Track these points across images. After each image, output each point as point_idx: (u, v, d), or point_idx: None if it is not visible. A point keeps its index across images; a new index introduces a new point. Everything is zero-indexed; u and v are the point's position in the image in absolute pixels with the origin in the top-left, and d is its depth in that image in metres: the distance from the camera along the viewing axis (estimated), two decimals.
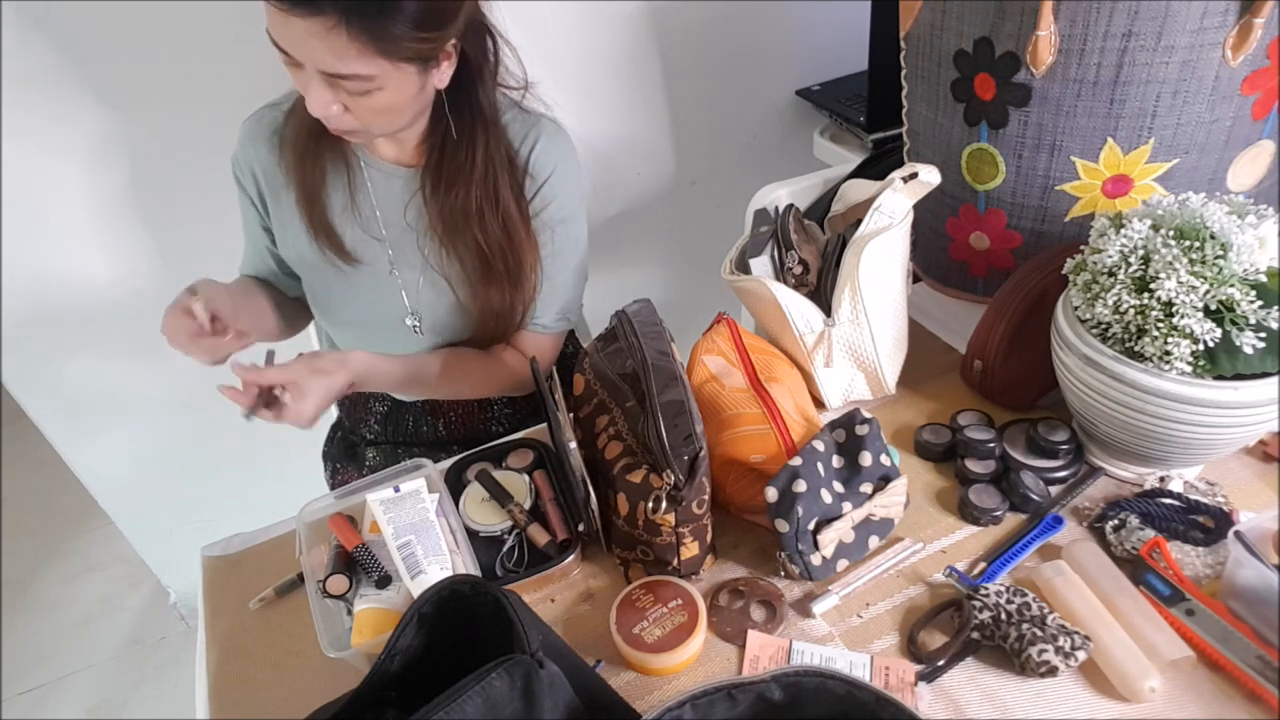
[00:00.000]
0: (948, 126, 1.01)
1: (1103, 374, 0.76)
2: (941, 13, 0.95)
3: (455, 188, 0.94)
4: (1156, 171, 0.90)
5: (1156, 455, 0.80)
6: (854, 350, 0.94)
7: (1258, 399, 0.71)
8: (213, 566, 0.90)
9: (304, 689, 0.74)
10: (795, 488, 0.74)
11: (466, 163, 0.93)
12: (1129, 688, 0.66)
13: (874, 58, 1.46)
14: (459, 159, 0.94)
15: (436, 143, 0.95)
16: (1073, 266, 0.81)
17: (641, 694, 0.72)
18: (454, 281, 1.01)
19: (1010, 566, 0.78)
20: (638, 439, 0.77)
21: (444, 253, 0.99)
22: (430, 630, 0.62)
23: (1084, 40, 0.84)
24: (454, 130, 0.92)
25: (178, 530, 1.71)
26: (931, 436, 0.91)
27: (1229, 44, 0.82)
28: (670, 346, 0.82)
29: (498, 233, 0.96)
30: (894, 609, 0.76)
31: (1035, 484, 0.83)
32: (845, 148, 1.61)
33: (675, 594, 0.75)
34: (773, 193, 1.27)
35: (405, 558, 0.73)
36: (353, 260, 1.00)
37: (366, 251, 1.01)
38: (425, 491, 0.79)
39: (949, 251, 1.10)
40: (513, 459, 0.94)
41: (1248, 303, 0.69)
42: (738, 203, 1.31)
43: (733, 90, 1.73)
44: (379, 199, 0.99)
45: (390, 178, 0.98)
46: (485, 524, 0.85)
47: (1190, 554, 0.76)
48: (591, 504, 0.78)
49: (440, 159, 0.95)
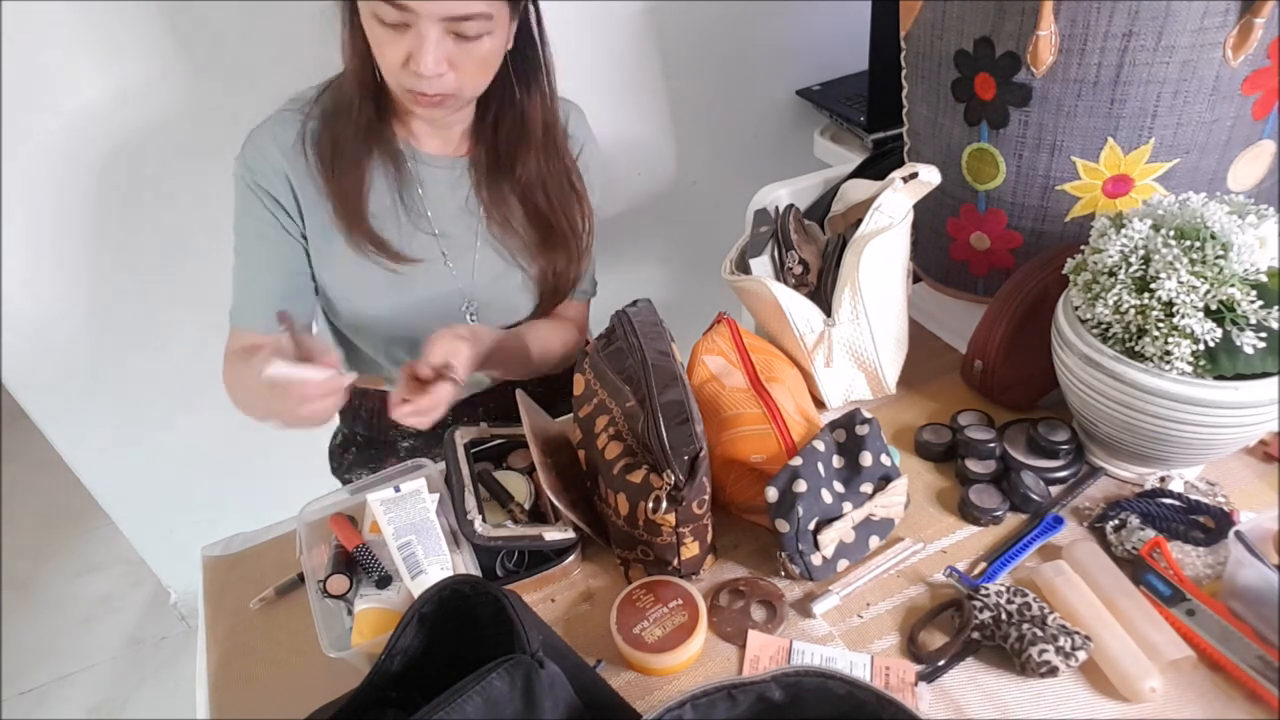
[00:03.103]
0: (948, 126, 1.01)
1: (1103, 374, 0.76)
2: (942, 13, 0.95)
3: (517, 159, 0.99)
4: (1157, 171, 0.90)
5: (1157, 455, 0.80)
6: (854, 350, 0.94)
7: (1258, 399, 0.71)
8: (213, 566, 0.90)
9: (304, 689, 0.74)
10: (795, 488, 0.74)
11: (531, 127, 0.97)
12: (1129, 688, 0.66)
13: (874, 58, 1.46)
14: (521, 127, 0.97)
15: (488, 124, 0.98)
16: (1073, 266, 0.81)
17: (642, 694, 0.72)
18: (517, 254, 1.04)
19: (1011, 566, 0.78)
20: (638, 439, 0.77)
21: (505, 230, 1.02)
22: (430, 630, 0.62)
23: (1084, 40, 0.84)
24: (516, 90, 0.95)
25: (178, 530, 1.71)
26: (932, 436, 0.91)
27: (1229, 44, 0.82)
28: (670, 346, 0.82)
29: (560, 191, 1.02)
30: (894, 609, 0.76)
31: (1036, 484, 0.83)
32: (845, 148, 1.61)
33: (675, 594, 0.75)
34: (773, 193, 1.27)
35: (406, 557, 0.73)
36: (404, 260, 1.00)
37: (417, 248, 1.01)
38: (425, 491, 0.79)
39: (949, 251, 1.10)
40: (513, 459, 0.94)
41: (1248, 303, 0.69)
42: (738, 203, 1.31)
43: (733, 90, 1.73)
44: (430, 194, 1.00)
45: (440, 170, 1.00)
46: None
47: (1191, 554, 0.76)
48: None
49: (495, 138, 0.99)
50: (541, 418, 0.94)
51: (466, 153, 1.01)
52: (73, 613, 2.03)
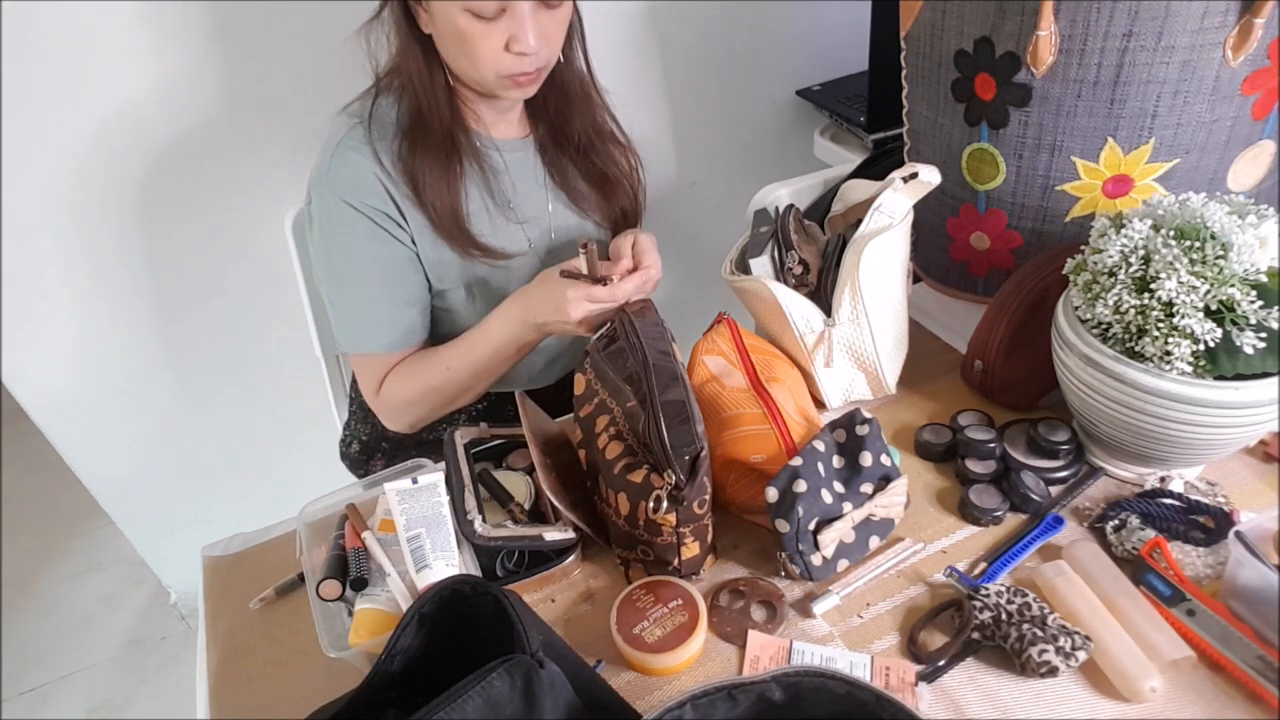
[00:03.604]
0: (948, 126, 1.01)
1: (1103, 374, 0.76)
2: (942, 13, 0.95)
3: (569, 123, 1.02)
4: (1157, 171, 0.90)
5: (1157, 455, 0.80)
6: (854, 350, 0.94)
7: (1258, 399, 0.71)
8: (213, 566, 0.90)
9: (304, 689, 0.74)
10: (796, 488, 0.74)
11: (570, 87, 1.01)
12: (1129, 688, 0.66)
13: (874, 58, 1.46)
14: (564, 89, 1.00)
15: (538, 98, 0.99)
16: (1073, 266, 0.81)
17: (642, 694, 0.72)
18: (588, 213, 1.08)
19: (1011, 567, 0.78)
20: (638, 439, 0.77)
21: (573, 195, 1.06)
22: (431, 630, 0.62)
23: (1084, 40, 0.84)
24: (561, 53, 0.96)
25: (178, 530, 1.71)
26: (932, 436, 0.91)
27: (1229, 44, 0.82)
28: (671, 346, 0.82)
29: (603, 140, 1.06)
30: (894, 609, 0.76)
31: (1036, 484, 0.83)
32: (845, 148, 1.61)
33: (676, 594, 0.75)
34: (773, 193, 1.27)
35: (413, 550, 0.72)
36: (505, 256, 1.00)
37: (511, 240, 1.02)
38: (442, 485, 0.78)
39: (949, 251, 1.10)
40: (513, 459, 0.94)
41: (1248, 303, 0.69)
42: (738, 203, 1.31)
43: (733, 90, 1.73)
44: (516, 180, 1.02)
45: (517, 154, 1.02)
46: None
47: (1191, 554, 0.76)
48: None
49: (546, 108, 1.02)
50: (541, 418, 0.94)
51: (529, 131, 1.05)
52: (73, 613, 2.03)
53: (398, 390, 1.01)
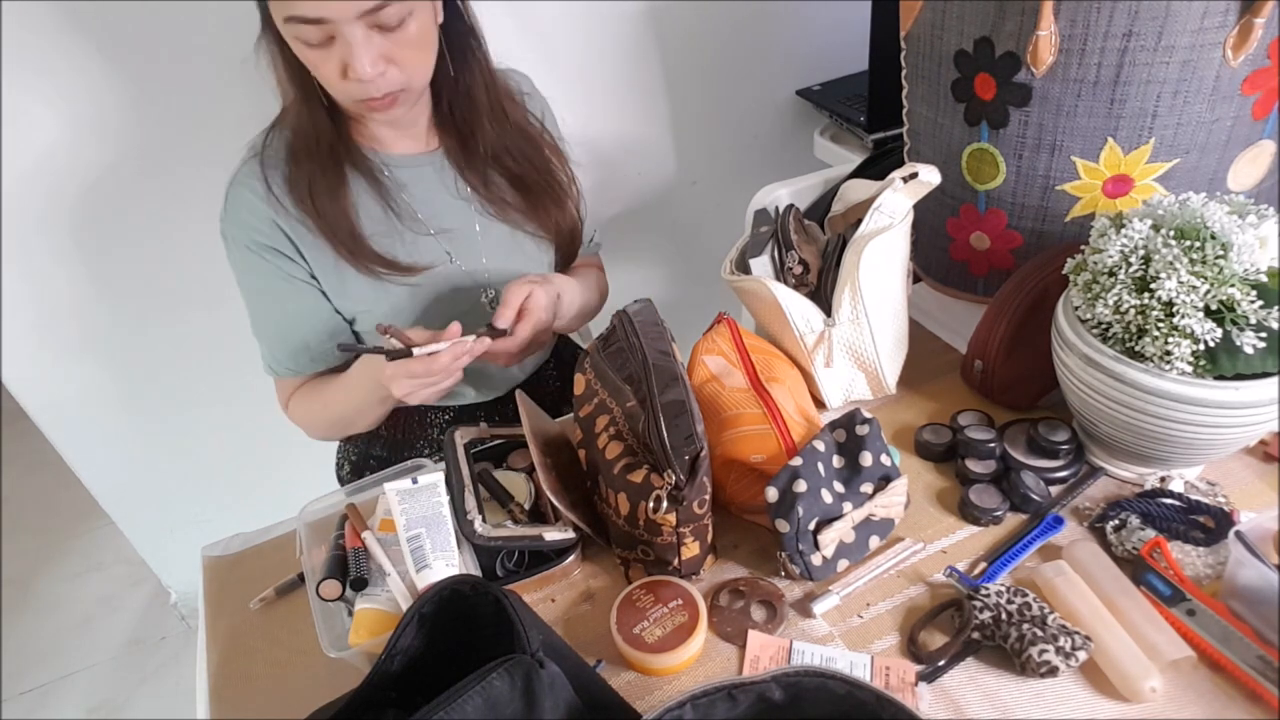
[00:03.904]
0: (948, 126, 1.01)
1: (1103, 374, 0.76)
2: (942, 13, 0.95)
3: (477, 132, 1.00)
4: (1157, 171, 0.90)
5: (1157, 455, 0.80)
6: (854, 350, 0.94)
7: (1258, 399, 0.71)
8: (213, 566, 0.91)
9: (304, 689, 0.74)
10: (795, 488, 0.74)
11: (476, 95, 0.98)
12: (1129, 688, 0.66)
13: (874, 58, 1.46)
14: (469, 99, 0.98)
15: (445, 110, 0.99)
16: (1073, 266, 0.81)
17: (642, 694, 0.72)
18: (520, 223, 1.06)
19: (1011, 566, 0.78)
20: (638, 439, 0.77)
21: (499, 205, 1.04)
22: (430, 630, 0.62)
23: (1084, 40, 0.84)
24: (451, 67, 0.94)
25: (178, 530, 1.71)
26: (932, 436, 0.91)
27: (1229, 44, 0.82)
28: (671, 346, 0.82)
29: (523, 148, 1.03)
30: (894, 609, 0.76)
31: (1036, 484, 0.83)
32: (845, 148, 1.61)
33: (676, 594, 0.75)
34: (773, 193, 1.27)
35: (413, 550, 0.73)
36: (416, 270, 0.99)
37: (423, 254, 1.00)
38: (442, 485, 0.78)
39: (949, 251, 1.10)
40: (513, 459, 0.94)
41: (1248, 303, 0.69)
42: (738, 203, 1.31)
43: (733, 90, 1.73)
44: (417, 195, 1.00)
45: (418, 169, 1.00)
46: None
47: (1191, 554, 0.76)
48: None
49: (454, 119, 1.00)
50: (541, 418, 0.94)
51: (438, 145, 1.02)
52: (73, 613, 2.03)
53: (299, 411, 1.07)
